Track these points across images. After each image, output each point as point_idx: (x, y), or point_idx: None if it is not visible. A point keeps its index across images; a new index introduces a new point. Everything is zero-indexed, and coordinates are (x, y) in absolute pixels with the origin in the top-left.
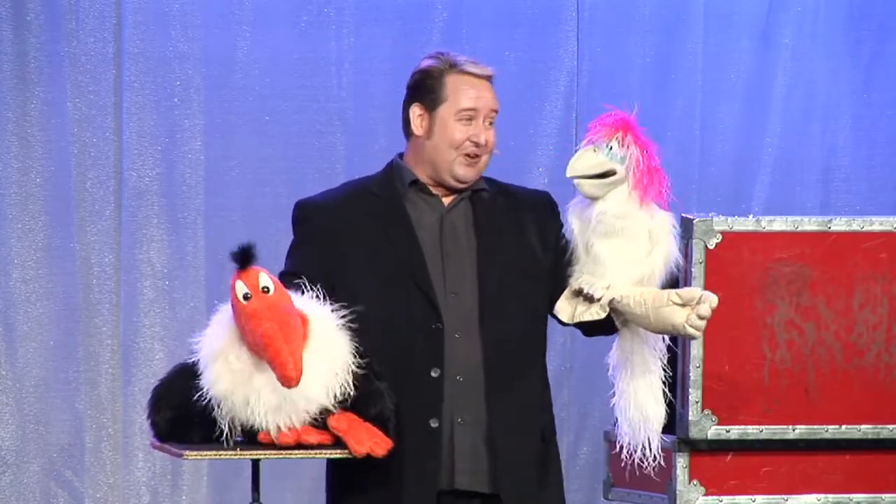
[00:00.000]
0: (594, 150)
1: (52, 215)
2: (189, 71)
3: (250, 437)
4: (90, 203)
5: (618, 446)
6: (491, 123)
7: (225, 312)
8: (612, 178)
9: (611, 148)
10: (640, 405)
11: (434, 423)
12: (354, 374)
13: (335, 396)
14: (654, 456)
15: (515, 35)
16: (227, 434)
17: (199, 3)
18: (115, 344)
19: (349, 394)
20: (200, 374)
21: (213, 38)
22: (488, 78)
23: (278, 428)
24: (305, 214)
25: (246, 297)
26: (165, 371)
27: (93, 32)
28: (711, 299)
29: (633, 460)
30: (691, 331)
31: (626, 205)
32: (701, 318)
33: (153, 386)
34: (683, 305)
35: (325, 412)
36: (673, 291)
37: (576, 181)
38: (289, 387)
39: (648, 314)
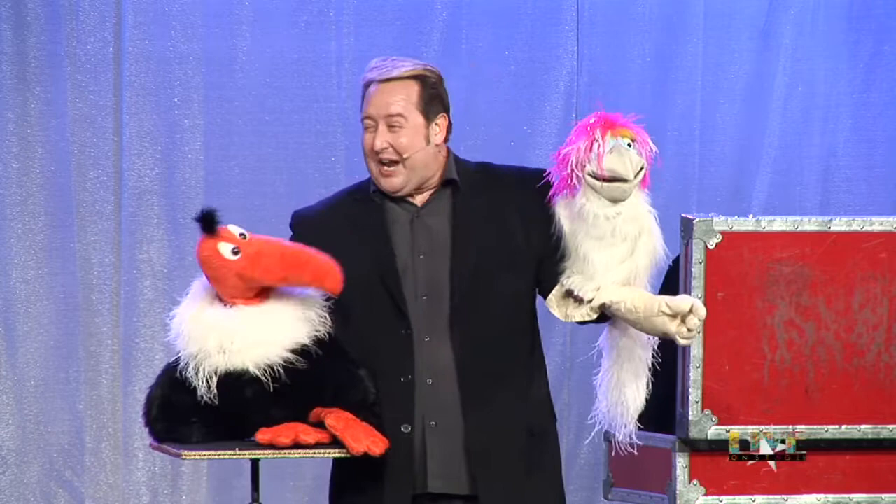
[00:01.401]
0: (624, 149)
1: (52, 215)
2: (189, 71)
3: (236, 394)
4: (90, 203)
5: (596, 426)
6: (396, 128)
7: (194, 289)
8: (641, 176)
9: (629, 145)
10: (620, 387)
11: (406, 429)
12: (332, 351)
13: (312, 333)
14: (630, 441)
15: (515, 35)
16: (205, 394)
17: (199, 3)
18: (115, 344)
19: (324, 332)
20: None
21: (213, 38)
22: (398, 79)
23: (257, 364)
24: (294, 223)
25: (235, 252)
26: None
27: (93, 32)
28: (699, 312)
29: (613, 442)
30: (682, 341)
31: (640, 202)
32: (690, 330)
33: (146, 392)
34: (674, 316)
35: (304, 352)
36: (664, 301)
37: (609, 185)
38: (339, 289)
39: (640, 321)
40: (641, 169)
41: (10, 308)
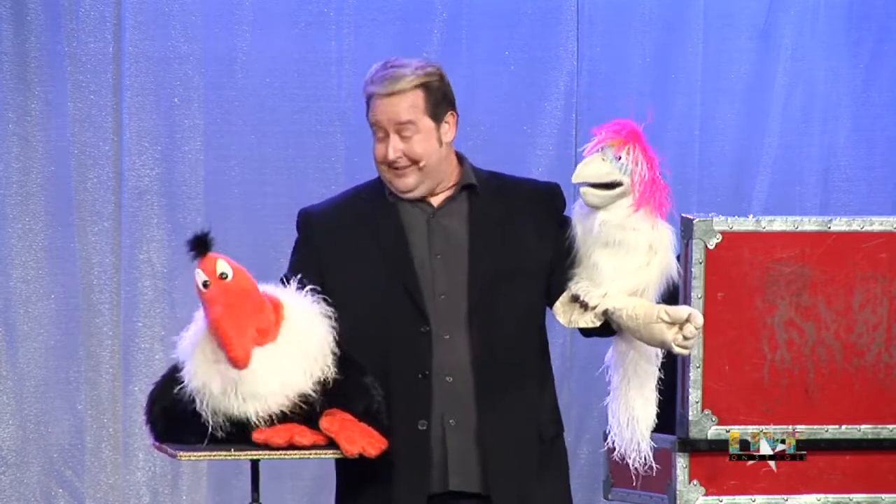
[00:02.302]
0: (602, 159)
1: (52, 215)
2: (189, 71)
3: (237, 429)
4: (90, 203)
5: (608, 445)
6: (408, 135)
7: (197, 321)
8: (617, 191)
9: (619, 158)
10: (630, 406)
11: (422, 426)
12: (336, 363)
13: (316, 381)
14: (644, 458)
15: (515, 35)
16: (212, 427)
17: (199, 3)
18: (115, 344)
19: (329, 378)
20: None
21: (213, 38)
22: (401, 91)
23: (258, 414)
24: (303, 220)
25: (205, 285)
26: (162, 372)
27: (93, 32)
28: (697, 321)
29: (625, 460)
30: (678, 350)
31: (627, 216)
32: (686, 338)
33: (150, 389)
34: (672, 324)
35: (306, 400)
36: (663, 309)
37: (581, 189)
38: (237, 367)
39: (639, 329)
40: (612, 185)
41: (10, 308)
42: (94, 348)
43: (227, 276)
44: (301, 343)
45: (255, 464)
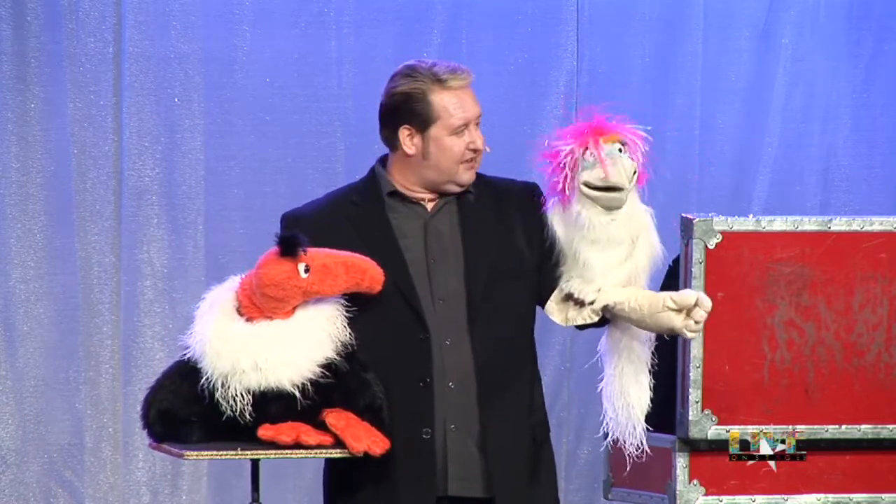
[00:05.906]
0: (619, 154)
1: (52, 215)
2: (189, 71)
3: (260, 411)
4: (90, 203)
5: (602, 432)
6: (477, 124)
7: (207, 303)
8: (635, 179)
9: (620, 150)
10: (624, 391)
11: (426, 434)
12: (343, 359)
13: (337, 346)
14: (639, 444)
15: (515, 35)
16: (240, 409)
17: (199, 3)
18: (115, 344)
19: (351, 344)
20: (194, 369)
21: (213, 38)
22: (469, 83)
23: (292, 382)
24: (290, 225)
25: (307, 270)
26: (157, 376)
27: (93, 32)
28: (705, 304)
29: (620, 447)
30: (689, 335)
31: (612, 210)
32: (697, 322)
33: (144, 394)
34: (679, 310)
35: (329, 367)
36: (668, 297)
37: (617, 194)
38: (379, 284)
39: (645, 319)
40: (635, 173)
41: (10, 308)
42: (94, 348)
43: (305, 250)
44: (321, 312)
45: (255, 463)
